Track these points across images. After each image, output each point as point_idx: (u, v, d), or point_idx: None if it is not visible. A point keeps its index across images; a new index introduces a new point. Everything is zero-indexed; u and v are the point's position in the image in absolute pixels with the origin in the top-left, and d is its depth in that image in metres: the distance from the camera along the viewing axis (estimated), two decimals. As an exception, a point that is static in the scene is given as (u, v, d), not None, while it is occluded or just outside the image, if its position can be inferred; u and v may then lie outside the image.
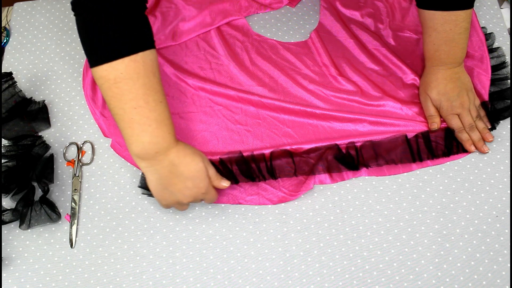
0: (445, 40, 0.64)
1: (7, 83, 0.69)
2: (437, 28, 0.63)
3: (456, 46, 0.65)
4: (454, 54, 0.65)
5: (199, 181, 0.58)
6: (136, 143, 0.55)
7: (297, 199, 0.66)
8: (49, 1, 0.82)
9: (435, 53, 0.66)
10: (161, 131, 0.55)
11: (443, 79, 0.66)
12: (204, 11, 0.77)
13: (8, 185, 0.65)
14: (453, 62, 0.66)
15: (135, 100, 0.53)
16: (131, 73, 0.52)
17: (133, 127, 0.54)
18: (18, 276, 0.63)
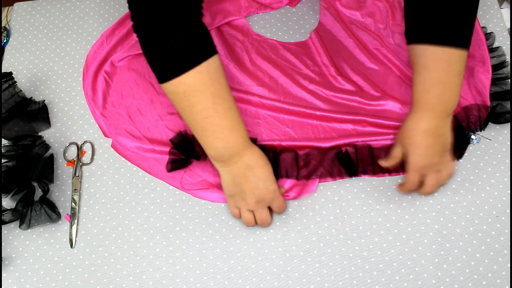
0: (436, 81, 0.58)
1: (7, 83, 0.69)
2: (429, 66, 0.57)
3: (449, 91, 0.58)
4: (445, 100, 0.59)
5: (269, 183, 0.60)
6: (211, 149, 0.59)
7: (297, 199, 0.66)
8: (49, 1, 0.82)
9: (424, 96, 0.59)
10: (233, 137, 0.58)
11: (423, 130, 0.59)
12: (204, 11, 0.77)
13: (8, 185, 0.65)
14: (442, 110, 0.59)
15: (205, 110, 0.56)
16: (198, 85, 0.54)
17: (206, 135, 0.58)
18: (18, 276, 0.63)
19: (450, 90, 0.58)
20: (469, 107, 0.68)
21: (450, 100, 0.59)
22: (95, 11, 0.81)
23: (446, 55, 0.56)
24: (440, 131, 0.60)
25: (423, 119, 0.59)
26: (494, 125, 0.69)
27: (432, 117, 0.59)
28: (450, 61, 0.57)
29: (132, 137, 0.70)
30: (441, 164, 0.61)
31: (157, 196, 0.67)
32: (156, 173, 0.68)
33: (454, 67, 0.57)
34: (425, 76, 0.58)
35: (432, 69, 0.57)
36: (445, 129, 0.61)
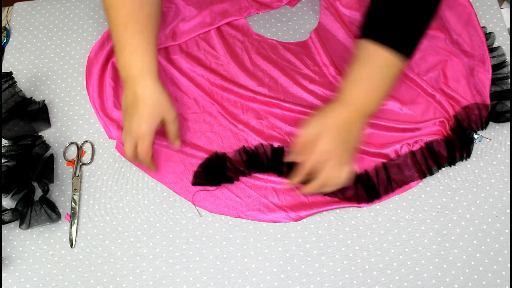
0: (364, 77, 0.58)
1: (7, 83, 0.69)
2: (362, 61, 0.58)
3: (373, 90, 0.59)
4: (365, 98, 0.59)
5: (141, 122, 0.58)
6: (117, 63, 0.62)
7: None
8: (49, 1, 0.82)
9: (349, 87, 0.59)
10: (132, 59, 0.59)
11: (335, 121, 0.58)
12: (204, 11, 0.77)
13: (8, 185, 0.65)
14: (360, 106, 0.59)
15: (117, 26, 0.60)
16: (117, 2, 0.59)
17: (116, 49, 0.61)
18: (18, 276, 0.63)
19: (374, 90, 0.59)
20: (469, 106, 0.68)
21: (369, 98, 0.59)
22: (95, 11, 0.81)
23: (384, 55, 0.57)
24: (350, 126, 0.59)
25: (341, 108, 0.59)
26: (494, 125, 0.69)
27: (351, 109, 0.59)
28: (386, 61, 0.57)
29: None
30: (338, 159, 0.59)
31: (157, 196, 0.67)
32: (159, 177, 0.68)
33: (388, 70, 0.57)
34: (357, 68, 0.59)
35: (366, 64, 0.58)
36: (356, 126, 0.60)
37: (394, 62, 0.57)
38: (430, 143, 0.66)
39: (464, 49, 0.72)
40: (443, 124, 0.68)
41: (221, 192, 0.66)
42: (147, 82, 0.59)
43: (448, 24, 0.74)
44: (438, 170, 0.66)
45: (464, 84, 0.70)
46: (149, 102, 0.59)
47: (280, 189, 0.66)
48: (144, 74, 0.59)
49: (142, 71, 0.59)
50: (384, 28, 0.57)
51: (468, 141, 0.66)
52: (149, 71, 0.59)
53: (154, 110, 0.59)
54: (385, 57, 0.57)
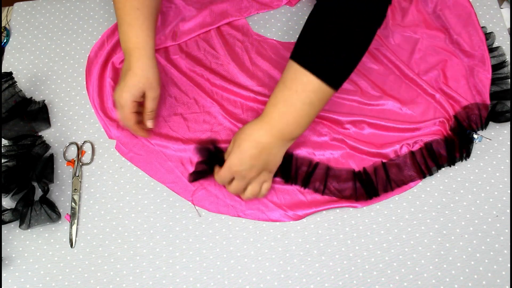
0: (286, 99, 0.56)
1: (7, 83, 0.69)
2: (286, 82, 0.56)
3: (292, 115, 0.56)
4: (287, 122, 0.57)
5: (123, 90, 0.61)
6: (119, 36, 0.64)
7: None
8: (49, 1, 0.82)
9: (270, 108, 0.58)
10: (128, 34, 0.62)
11: (255, 140, 0.57)
12: (204, 11, 0.77)
13: (8, 185, 0.65)
14: (281, 131, 0.57)
15: (118, 2, 0.63)
16: None
17: (117, 23, 0.64)
18: (18, 276, 0.63)
19: (295, 115, 0.57)
20: (469, 106, 0.68)
21: (292, 124, 0.57)
22: (95, 11, 0.81)
23: (304, 79, 0.54)
24: (270, 150, 0.58)
25: (261, 130, 0.58)
26: (494, 125, 0.69)
27: (269, 132, 0.57)
28: (306, 86, 0.55)
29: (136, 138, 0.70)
30: (256, 179, 0.60)
31: (157, 196, 0.67)
32: (158, 177, 0.68)
33: (308, 95, 0.55)
34: (279, 90, 0.57)
35: (288, 87, 0.56)
36: (276, 150, 0.59)
37: (320, 89, 0.55)
38: (429, 143, 0.66)
39: (464, 49, 0.72)
40: (443, 124, 0.68)
41: (221, 191, 0.66)
42: (140, 55, 0.61)
43: (448, 24, 0.74)
44: (438, 171, 0.66)
45: (464, 84, 0.70)
46: (136, 73, 0.61)
47: (279, 188, 0.66)
48: (139, 48, 0.61)
49: (137, 45, 0.61)
50: (314, 55, 0.54)
51: (467, 141, 0.66)
52: (143, 46, 0.61)
53: (138, 82, 0.61)
54: (311, 82, 0.54)
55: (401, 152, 0.67)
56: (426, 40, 0.74)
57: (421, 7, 0.76)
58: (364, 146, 0.67)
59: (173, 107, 0.71)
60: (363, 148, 0.67)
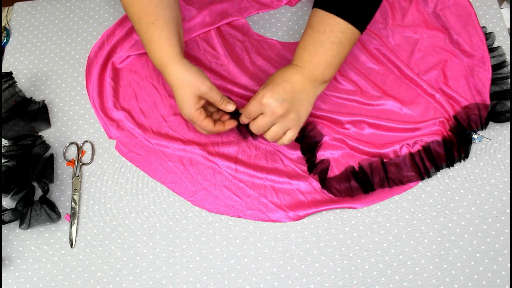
0: (315, 40, 0.58)
1: (7, 83, 0.69)
2: (313, 26, 0.58)
3: (323, 54, 0.58)
4: (317, 62, 0.58)
5: (182, 107, 0.60)
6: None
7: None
8: (49, 1, 0.82)
9: (300, 51, 0.59)
10: (152, 51, 0.61)
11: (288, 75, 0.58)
12: (204, 11, 0.77)
13: (8, 185, 0.65)
14: (312, 71, 0.58)
15: (134, 23, 0.63)
16: (128, 2, 0.61)
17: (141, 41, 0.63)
18: (18, 276, 0.63)
19: (326, 54, 0.58)
20: (469, 106, 0.68)
21: (323, 64, 0.58)
22: (95, 11, 0.81)
23: (331, 21, 0.57)
24: (302, 88, 0.58)
25: (293, 73, 0.58)
26: (494, 125, 0.69)
27: (302, 74, 0.58)
28: (333, 26, 0.57)
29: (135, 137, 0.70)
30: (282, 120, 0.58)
31: (157, 196, 0.67)
32: (158, 177, 0.68)
33: (336, 34, 0.57)
34: (307, 34, 0.59)
35: (316, 30, 0.58)
36: (308, 92, 0.59)
37: (347, 29, 0.57)
38: (427, 145, 0.66)
39: (464, 49, 0.72)
40: (443, 124, 0.68)
41: (221, 192, 0.66)
42: (169, 68, 0.60)
43: (448, 24, 0.74)
44: (436, 172, 0.66)
45: (464, 84, 0.70)
46: (177, 86, 0.60)
47: (279, 188, 0.66)
48: (165, 62, 0.60)
49: (162, 60, 0.60)
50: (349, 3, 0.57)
51: (466, 141, 0.66)
52: (169, 57, 0.60)
53: (184, 91, 0.60)
54: (338, 23, 0.57)
55: (401, 153, 0.67)
56: (426, 40, 0.74)
57: (421, 7, 0.76)
58: (364, 146, 0.67)
59: (173, 107, 0.71)
60: (363, 148, 0.67)
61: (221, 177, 0.67)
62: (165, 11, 0.61)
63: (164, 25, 0.61)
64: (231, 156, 0.68)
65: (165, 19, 0.61)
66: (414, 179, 0.65)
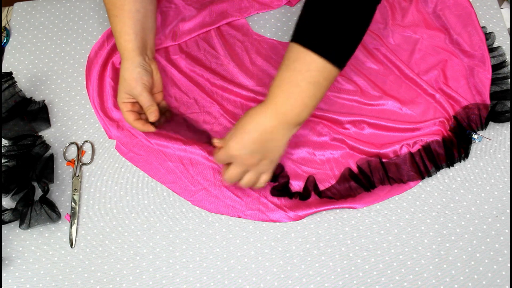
0: (290, 79, 0.53)
1: (7, 83, 0.69)
2: (289, 63, 0.54)
3: (299, 95, 0.53)
4: (292, 104, 0.54)
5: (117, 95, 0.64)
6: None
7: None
8: (49, 1, 0.82)
9: (274, 90, 0.55)
10: (117, 42, 0.64)
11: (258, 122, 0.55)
12: (204, 11, 0.77)
13: (8, 185, 0.65)
14: (286, 113, 0.54)
15: (107, 12, 0.65)
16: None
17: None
18: (18, 275, 0.63)
19: (302, 96, 0.54)
20: (469, 106, 0.68)
21: (298, 106, 0.54)
22: (95, 11, 0.81)
23: (307, 58, 0.52)
24: (274, 136, 0.55)
25: (265, 113, 0.55)
26: (494, 125, 0.69)
27: (274, 115, 0.54)
28: (309, 65, 0.52)
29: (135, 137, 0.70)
30: (255, 168, 0.58)
31: (157, 196, 0.67)
32: (158, 177, 0.68)
33: (311, 74, 0.52)
34: (283, 71, 0.55)
35: (291, 67, 0.54)
36: (280, 136, 0.56)
37: (324, 68, 0.52)
38: (427, 144, 0.66)
39: (464, 49, 0.72)
40: (443, 124, 0.68)
41: (221, 192, 0.66)
42: (122, 61, 0.63)
43: (448, 24, 0.74)
44: (437, 172, 0.66)
45: (464, 84, 0.70)
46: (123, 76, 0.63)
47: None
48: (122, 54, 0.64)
49: (121, 52, 0.64)
50: (315, 35, 0.52)
51: (466, 141, 0.66)
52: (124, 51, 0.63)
53: (121, 86, 0.63)
54: (314, 61, 0.52)
55: (401, 152, 0.67)
56: (426, 40, 0.74)
57: (421, 7, 0.76)
58: (364, 146, 0.67)
59: (173, 107, 0.71)
60: (363, 148, 0.67)
61: (221, 177, 0.67)
62: (131, 5, 0.63)
63: (126, 19, 0.63)
64: None
65: (129, 14, 0.63)
66: (414, 178, 0.65)
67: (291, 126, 0.56)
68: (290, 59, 0.54)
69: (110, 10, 0.64)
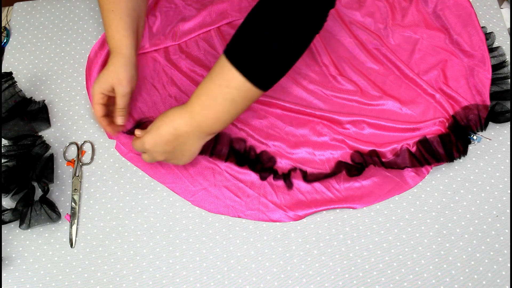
0: (209, 91, 0.55)
1: (7, 83, 0.69)
2: (212, 74, 0.54)
3: (213, 109, 0.55)
4: (206, 115, 0.55)
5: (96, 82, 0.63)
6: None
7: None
8: (49, 1, 0.82)
9: (194, 98, 0.56)
10: (108, 35, 0.63)
11: (173, 126, 0.57)
12: (204, 11, 0.77)
13: (8, 185, 0.65)
14: (200, 123, 0.56)
15: (100, 9, 0.64)
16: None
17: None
18: (18, 275, 0.63)
19: (216, 110, 0.55)
20: (469, 107, 0.68)
21: (211, 119, 0.56)
22: (95, 11, 0.81)
23: (230, 76, 0.52)
24: (186, 140, 0.58)
25: (181, 118, 0.57)
26: (494, 125, 0.69)
27: (189, 122, 0.56)
28: (229, 82, 0.52)
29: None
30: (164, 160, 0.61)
31: (157, 196, 0.67)
32: (158, 177, 0.68)
33: (230, 92, 0.53)
34: (205, 81, 0.55)
35: (213, 80, 0.54)
36: (192, 142, 0.58)
37: (244, 86, 0.52)
38: (424, 138, 0.66)
39: (464, 49, 0.72)
40: (443, 124, 0.68)
41: (220, 192, 0.66)
42: (115, 55, 0.63)
43: (448, 24, 0.74)
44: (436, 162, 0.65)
45: (464, 84, 0.70)
46: (108, 69, 0.62)
47: (279, 188, 0.66)
48: (115, 47, 0.63)
49: (115, 45, 0.63)
50: (244, 52, 0.52)
51: (464, 138, 0.66)
52: (119, 45, 0.63)
53: (108, 76, 0.62)
54: (235, 78, 0.52)
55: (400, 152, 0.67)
56: (426, 40, 0.74)
57: (421, 7, 0.76)
58: (364, 146, 0.67)
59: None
60: (363, 148, 0.67)
61: (221, 177, 0.67)
62: (127, 2, 0.63)
63: (123, 15, 0.62)
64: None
65: (126, 10, 0.62)
66: (409, 166, 0.65)
67: (203, 135, 0.58)
68: (215, 70, 0.54)
69: (105, 3, 0.62)
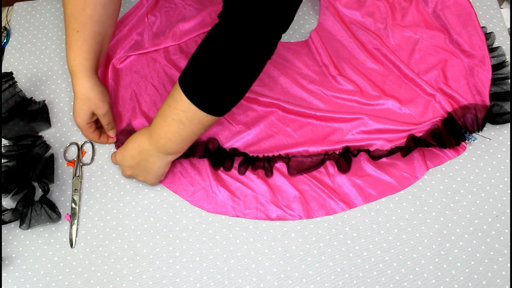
0: (162, 112, 0.57)
1: (7, 83, 0.69)
2: (168, 96, 0.57)
3: (163, 130, 0.57)
4: (159, 135, 0.58)
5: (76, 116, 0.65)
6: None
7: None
8: (49, 1, 0.82)
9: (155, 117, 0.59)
10: (69, 55, 0.62)
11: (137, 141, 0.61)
12: (204, 11, 0.77)
13: (8, 185, 0.65)
14: (156, 142, 0.59)
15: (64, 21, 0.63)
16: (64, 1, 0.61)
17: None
18: (18, 276, 0.63)
19: (166, 130, 0.57)
20: (467, 106, 0.68)
21: (163, 138, 0.58)
22: (95, 11, 0.81)
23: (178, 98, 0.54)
24: (149, 158, 0.61)
25: (143, 135, 0.61)
26: (494, 125, 0.69)
27: (148, 140, 0.60)
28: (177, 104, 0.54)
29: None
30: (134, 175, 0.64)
31: (157, 196, 0.67)
32: None
33: (177, 112, 0.55)
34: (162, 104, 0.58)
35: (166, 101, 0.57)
36: (155, 159, 0.61)
37: (189, 109, 0.54)
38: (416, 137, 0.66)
39: (464, 49, 0.72)
40: None
41: (219, 192, 0.66)
42: (78, 78, 0.63)
43: (448, 24, 0.74)
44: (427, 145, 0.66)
45: (464, 84, 0.70)
46: (79, 97, 0.63)
47: (278, 188, 0.66)
48: (76, 71, 0.62)
49: (75, 68, 0.62)
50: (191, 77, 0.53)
51: (456, 131, 0.66)
52: (80, 69, 0.62)
53: (83, 105, 0.64)
54: (181, 100, 0.54)
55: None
56: (426, 40, 0.74)
57: (421, 7, 0.76)
58: (360, 143, 0.67)
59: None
60: (357, 144, 0.67)
61: (219, 177, 0.67)
62: (93, 25, 0.62)
63: (88, 38, 0.62)
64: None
65: (91, 33, 0.62)
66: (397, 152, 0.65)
67: (162, 154, 0.60)
68: (170, 92, 0.57)
69: (71, 22, 0.61)
